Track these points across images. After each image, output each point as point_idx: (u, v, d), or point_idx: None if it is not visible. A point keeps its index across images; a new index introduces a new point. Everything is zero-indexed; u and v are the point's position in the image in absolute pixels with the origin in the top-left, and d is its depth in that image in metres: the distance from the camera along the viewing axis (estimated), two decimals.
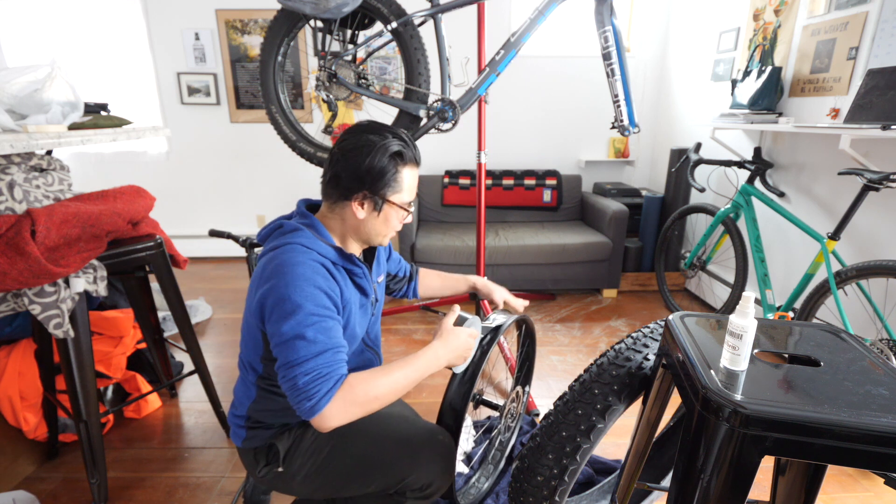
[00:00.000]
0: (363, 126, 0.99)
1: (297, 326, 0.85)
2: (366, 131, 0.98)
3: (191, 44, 3.43)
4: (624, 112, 1.68)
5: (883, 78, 1.71)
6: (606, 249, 2.93)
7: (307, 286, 0.88)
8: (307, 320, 0.85)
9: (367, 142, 0.95)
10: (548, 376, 2.16)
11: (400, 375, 0.91)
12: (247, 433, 1.05)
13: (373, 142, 0.95)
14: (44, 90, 1.28)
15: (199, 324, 2.70)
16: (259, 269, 0.95)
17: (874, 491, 1.51)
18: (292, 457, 1.03)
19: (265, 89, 1.92)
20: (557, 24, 3.45)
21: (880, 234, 1.86)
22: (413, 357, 0.96)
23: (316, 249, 0.94)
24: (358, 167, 0.95)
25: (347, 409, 0.84)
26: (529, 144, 3.66)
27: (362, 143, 0.95)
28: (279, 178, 3.74)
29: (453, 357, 1.02)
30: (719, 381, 0.67)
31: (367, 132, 0.97)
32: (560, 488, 0.92)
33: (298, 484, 1.04)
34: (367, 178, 0.96)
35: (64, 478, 1.55)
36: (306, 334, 0.84)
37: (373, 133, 0.97)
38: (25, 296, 1.19)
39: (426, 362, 0.96)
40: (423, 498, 1.07)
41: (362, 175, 0.95)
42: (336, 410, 0.83)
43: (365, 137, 0.96)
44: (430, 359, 0.97)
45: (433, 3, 1.71)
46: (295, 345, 0.84)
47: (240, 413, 1.06)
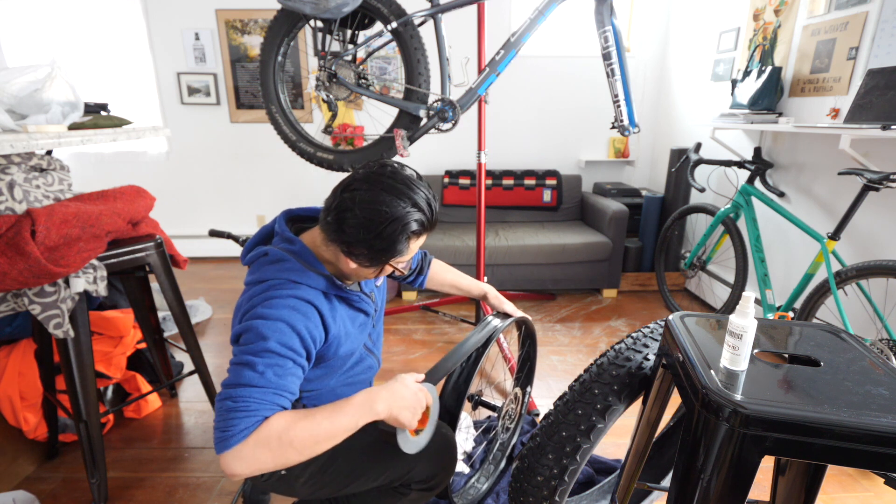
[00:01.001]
0: (385, 180, 0.86)
1: (251, 356, 0.80)
2: (387, 191, 0.85)
3: (191, 44, 3.43)
4: (624, 112, 1.68)
5: (883, 78, 1.71)
6: (606, 249, 2.93)
7: (280, 324, 0.82)
8: (264, 356, 0.80)
9: (386, 208, 0.84)
10: (548, 376, 2.16)
11: (323, 422, 0.80)
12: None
13: (392, 213, 0.84)
14: (44, 90, 1.28)
15: (199, 324, 2.70)
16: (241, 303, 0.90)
17: (874, 491, 1.51)
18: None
19: (265, 89, 1.92)
20: (557, 24, 3.45)
21: (880, 234, 1.86)
22: (344, 401, 0.84)
23: (305, 283, 0.88)
24: (367, 233, 0.85)
25: (257, 455, 0.75)
26: (529, 144, 3.66)
27: (381, 206, 0.84)
28: (279, 178, 3.74)
29: (397, 408, 0.87)
30: (719, 381, 0.67)
31: (389, 192, 0.85)
32: (560, 488, 0.92)
33: (302, 485, 1.04)
34: (373, 243, 0.86)
35: (64, 478, 1.55)
36: (256, 366, 0.79)
37: (395, 195, 0.85)
38: (25, 296, 1.19)
39: (358, 407, 0.83)
40: (427, 490, 1.07)
41: (370, 239, 0.86)
42: (244, 455, 0.74)
43: (384, 198, 0.84)
44: (363, 403, 0.84)
45: (433, 3, 1.71)
46: (241, 371, 0.79)
47: None
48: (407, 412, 0.88)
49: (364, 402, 0.84)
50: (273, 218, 1.02)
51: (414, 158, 3.63)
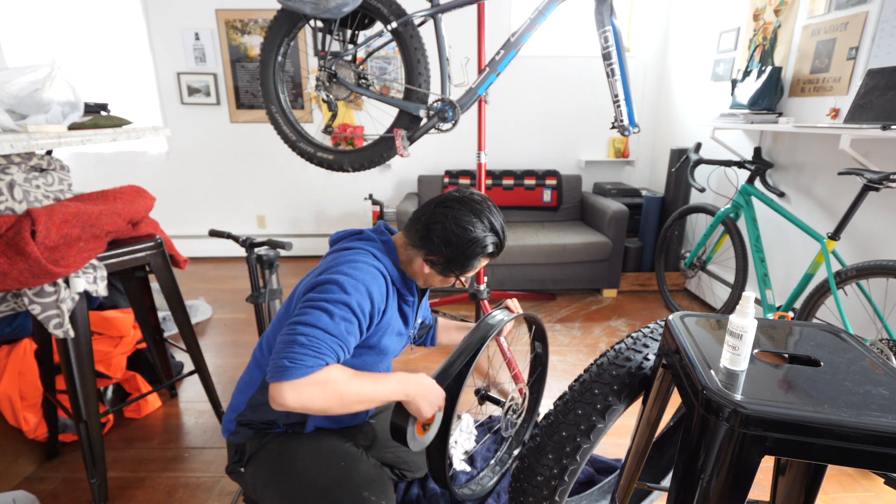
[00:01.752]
0: (475, 204, 1.01)
1: (332, 305, 0.86)
2: (474, 213, 1.00)
3: (191, 44, 3.43)
4: (624, 112, 1.67)
5: (883, 78, 1.71)
6: (606, 249, 2.93)
7: (361, 285, 0.91)
8: (342, 308, 0.87)
9: (471, 226, 0.98)
10: (548, 376, 2.15)
11: (369, 385, 0.89)
12: (236, 427, 1.07)
13: (475, 232, 0.99)
14: (44, 90, 1.28)
15: (199, 324, 2.70)
16: (327, 260, 0.99)
17: (874, 491, 1.51)
18: (252, 462, 1.05)
19: (265, 89, 1.92)
20: (557, 24, 3.45)
21: (880, 234, 1.86)
22: (385, 375, 0.94)
23: (383, 263, 0.99)
24: (451, 244, 0.98)
25: (313, 394, 0.82)
26: (529, 144, 3.66)
27: (466, 225, 0.98)
28: (279, 178, 3.74)
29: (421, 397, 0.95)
30: (719, 381, 0.67)
31: (476, 215, 1.00)
32: (560, 488, 0.92)
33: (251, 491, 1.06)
34: (453, 256, 1.00)
35: (64, 478, 1.55)
36: (334, 315, 0.86)
37: (479, 218, 1.00)
38: (25, 296, 1.19)
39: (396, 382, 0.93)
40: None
41: (451, 253, 0.99)
42: (302, 390, 0.81)
43: (471, 219, 0.99)
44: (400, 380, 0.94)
45: (433, 3, 1.71)
46: (318, 314, 0.85)
47: (236, 403, 1.07)
48: (427, 404, 0.96)
49: (401, 380, 0.94)
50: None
51: (414, 158, 3.63)
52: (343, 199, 3.80)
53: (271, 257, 1.59)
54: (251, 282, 1.60)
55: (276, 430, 1.07)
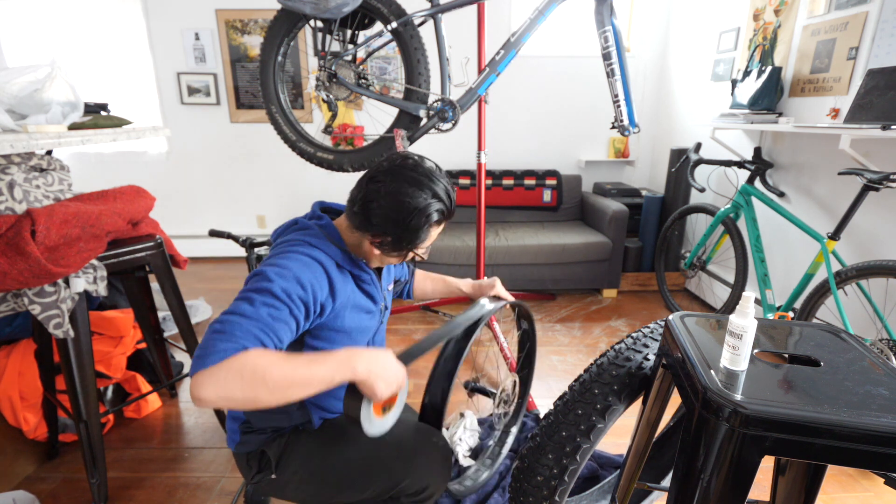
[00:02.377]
0: (408, 172, 0.92)
1: (252, 293, 0.81)
2: (409, 183, 0.91)
3: (191, 44, 3.43)
4: (624, 112, 1.68)
5: (883, 78, 1.71)
6: (606, 249, 2.93)
7: (286, 272, 0.85)
8: (263, 295, 0.81)
9: (409, 198, 0.90)
10: (548, 376, 2.15)
11: (300, 367, 0.78)
12: (240, 437, 1.05)
13: (415, 204, 0.90)
14: (44, 90, 1.28)
15: (199, 324, 2.70)
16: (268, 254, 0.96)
17: (874, 491, 1.51)
18: (285, 463, 1.02)
19: (265, 89, 1.92)
20: (557, 24, 3.45)
21: (880, 234, 1.86)
22: (326, 354, 0.83)
23: (321, 248, 0.93)
24: (392, 220, 0.91)
25: (228, 382, 0.73)
26: (529, 144, 3.66)
27: (404, 197, 0.90)
28: (279, 178, 3.74)
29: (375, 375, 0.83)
30: (719, 381, 0.67)
31: (410, 184, 0.91)
32: (560, 488, 0.92)
33: (292, 491, 1.04)
34: (398, 234, 0.92)
35: (64, 478, 1.55)
36: (254, 301, 0.80)
37: (416, 186, 0.91)
38: (25, 296, 1.19)
39: (339, 362, 0.81)
40: (419, 502, 1.05)
41: (396, 230, 0.92)
42: (215, 378, 0.73)
43: (407, 190, 0.90)
44: (345, 359, 0.82)
45: (433, 3, 1.71)
46: (238, 303, 0.80)
47: (237, 414, 1.06)
48: (383, 382, 0.84)
49: (346, 358, 0.82)
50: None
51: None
52: (343, 199, 3.75)
53: None
54: None
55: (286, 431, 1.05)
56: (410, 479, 1.01)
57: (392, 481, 1.00)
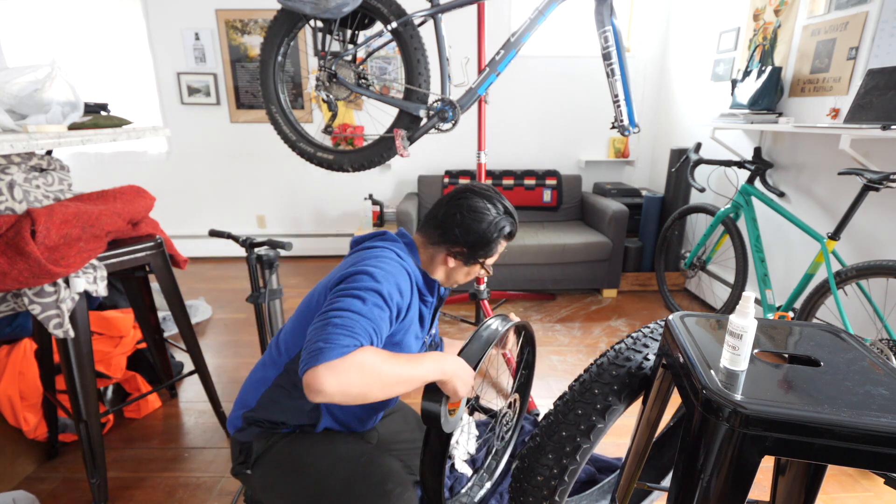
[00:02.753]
0: (483, 190, 1.09)
1: (363, 291, 0.87)
2: (485, 199, 1.07)
3: (191, 44, 3.43)
4: (624, 112, 1.67)
5: (883, 78, 1.71)
6: (606, 249, 2.93)
7: (390, 276, 0.92)
8: (373, 295, 0.87)
9: (486, 212, 1.06)
10: (548, 376, 2.15)
11: (406, 366, 0.86)
12: (242, 424, 1.05)
13: (492, 216, 1.06)
14: (44, 90, 1.28)
15: (199, 324, 2.70)
16: (352, 258, 1.00)
17: (874, 491, 1.51)
18: (259, 463, 1.03)
19: (265, 89, 1.92)
20: (557, 24, 3.45)
21: (880, 234, 1.86)
22: (421, 355, 0.91)
23: (407, 261, 1.01)
24: (471, 232, 1.05)
25: (350, 376, 0.77)
26: (529, 144, 3.66)
27: (483, 209, 1.06)
28: (279, 178, 3.74)
29: (457, 377, 0.92)
30: (719, 381, 0.67)
31: (487, 200, 1.07)
32: (560, 488, 0.92)
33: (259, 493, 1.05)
34: (474, 243, 1.06)
35: (64, 478, 1.55)
36: (366, 300, 0.86)
37: (492, 202, 1.07)
38: (25, 296, 1.19)
39: (433, 362, 0.90)
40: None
41: (472, 240, 1.05)
42: (338, 371, 0.76)
43: (485, 205, 1.06)
44: (437, 360, 0.91)
45: (433, 3, 1.71)
46: (350, 300, 0.85)
47: (246, 399, 1.06)
48: (462, 384, 0.93)
49: (437, 360, 0.91)
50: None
51: (414, 158, 3.63)
52: (343, 199, 3.80)
53: (271, 257, 1.59)
54: (251, 282, 1.60)
55: (283, 431, 1.05)
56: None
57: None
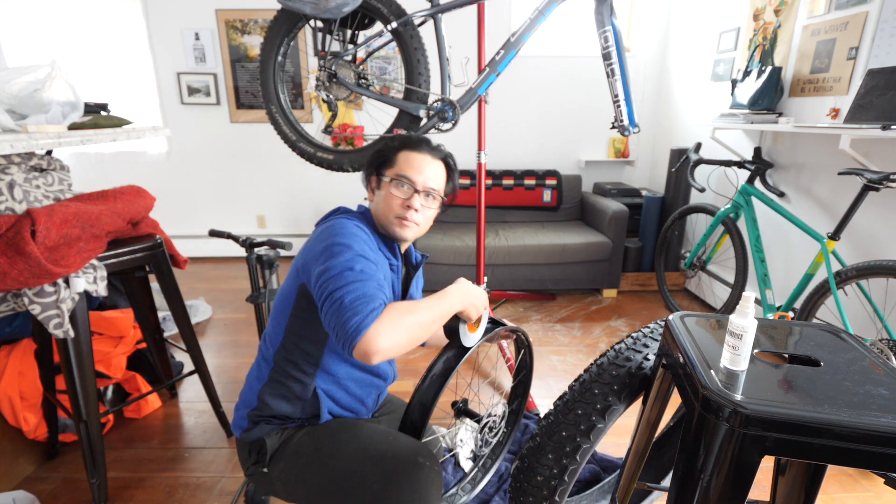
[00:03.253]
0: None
1: (346, 262, 0.89)
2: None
3: (191, 44, 3.43)
4: (624, 112, 1.67)
5: (883, 78, 1.71)
6: (606, 249, 2.93)
7: (357, 238, 0.95)
8: (355, 258, 0.90)
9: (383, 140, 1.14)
10: (548, 376, 2.15)
11: (434, 306, 0.93)
12: (249, 424, 1.05)
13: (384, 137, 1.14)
14: (44, 90, 1.28)
15: (199, 324, 2.70)
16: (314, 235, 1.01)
17: (874, 491, 1.51)
18: (277, 460, 1.02)
19: (265, 89, 1.92)
20: (557, 24, 3.45)
21: (880, 234, 1.86)
22: (439, 295, 0.97)
23: (364, 228, 1.03)
24: (370, 158, 1.12)
25: (395, 329, 0.82)
26: (529, 144, 3.66)
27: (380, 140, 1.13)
28: (279, 178, 3.74)
29: (470, 303, 1.00)
30: (719, 382, 0.67)
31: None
32: (560, 488, 0.92)
33: (279, 489, 1.04)
34: (372, 162, 1.11)
35: (64, 478, 1.55)
36: (354, 266, 0.88)
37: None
38: (25, 296, 1.19)
39: (452, 299, 0.97)
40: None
41: (370, 161, 1.12)
42: (384, 329, 0.81)
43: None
44: (454, 297, 0.98)
45: (433, 3, 1.71)
46: (342, 274, 0.87)
47: (248, 400, 1.05)
48: (474, 309, 1.02)
49: (454, 294, 0.99)
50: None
51: None
52: (343, 199, 3.80)
53: (271, 257, 1.59)
54: (251, 282, 1.60)
55: (292, 425, 1.05)
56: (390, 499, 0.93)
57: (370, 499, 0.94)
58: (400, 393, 1.42)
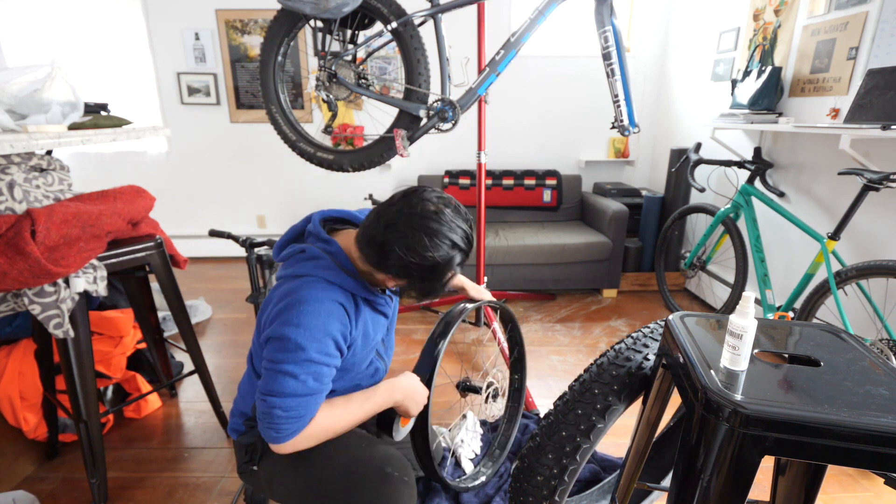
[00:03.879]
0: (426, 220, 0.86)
1: (293, 366, 0.86)
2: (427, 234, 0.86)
3: (191, 44, 3.43)
4: (624, 112, 1.67)
5: (883, 78, 1.71)
6: (606, 249, 2.93)
7: (318, 333, 0.86)
8: (304, 365, 0.86)
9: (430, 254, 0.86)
10: (548, 376, 2.15)
11: (357, 409, 0.96)
12: (245, 428, 1.07)
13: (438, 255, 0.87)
14: (44, 90, 1.28)
15: (199, 324, 2.70)
16: (276, 296, 0.92)
17: (874, 491, 1.51)
18: (264, 459, 1.04)
19: (265, 89, 1.92)
20: (557, 24, 3.45)
21: (880, 234, 1.86)
22: (371, 391, 1.00)
23: (339, 284, 0.92)
24: (413, 273, 0.89)
25: (304, 443, 0.89)
26: (529, 144, 3.66)
27: (425, 252, 0.86)
28: (279, 178, 3.74)
29: (408, 399, 1.03)
30: (719, 381, 0.67)
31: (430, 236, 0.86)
32: (560, 488, 0.92)
33: (268, 488, 1.06)
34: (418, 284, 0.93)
35: (64, 478, 1.55)
36: (298, 375, 0.86)
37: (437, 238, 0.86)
38: (25, 296, 1.19)
39: (382, 398, 1.00)
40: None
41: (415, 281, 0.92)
42: (300, 442, 0.89)
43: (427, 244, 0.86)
44: (387, 391, 1.01)
45: (433, 3, 1.71)
46: (284, 380, 0.86)
47: (242, 409, 1.07)
48: (414, 404, 1.04)
49: (387, 391, 1.01)
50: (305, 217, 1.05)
51: (414, 158, 3.63)
52: (343, 199, 3.80)
53: (271, 257, 1.59)
54: (251, 282, 1.60)
55: None
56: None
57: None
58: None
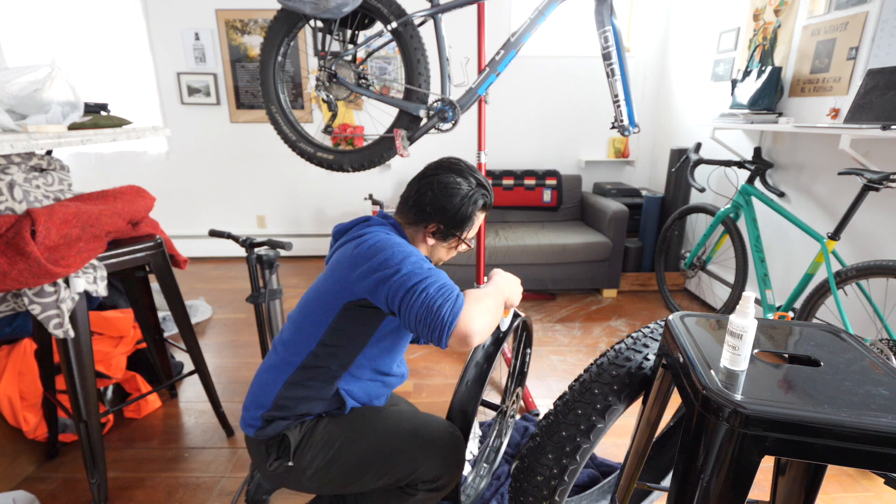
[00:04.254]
0: (454, 166, 1.08)
1: (414, 264, 0.90)
2: (455, 173, 1.07)
3: (191, 44, 3.43)
4: (624, 112, 1.67)
5: (883, 78, 1.71)
6: (606, 249, 2.93)
7: (407, 250, 0.95)
8: (421, 260, 0.92)
9: (457, 186, 1.05)
10: (548, 376, 2.15)
11: (495, 293, 0.98)
12: (262, 423, 1.05)
13: (464, 190, 1.06)
14: (44, 90, 1.28)
15: (199, 324, 2.70)
16: (349, 250, 0.99)
17: (874, 491, 1.51)
18: (303, 450, 1.03)
19: (265, 89, 1.92)
20: (557, 24, 3.45)
21: (880, 234, 1.86)
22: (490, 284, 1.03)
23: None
24: (445, 209, 1.05)
25: (481, 312, 0.87)
26: (529, 144, 3.66)
27: (453, 185, 1.05)
28: (279, 178, 3.74)
29: (511, 291, 1.06)
30: (719, 381, 0.67)
31: (458, 174, 1.07)
32: (560, 488, 0.92)
33: (308, 479, 1.05)
34: (450, 220, 1.06)
35: (64, 478, 1.55)
36: (423, 265, 0.91)
37: (461, 176, 1.07)
38: (25, 296, 1.19)
39: (498, 289, 1.02)
40: (434, 490, 1.09)
41: (448, 217, 1.06)
42: (473, 312, 0.86)
43: (455, 179, 1.06)
44: (501, 286, 1.04)
45: (433, 3, 1.71)
46: (415, 273, 0.88)
47: (261, 402, 1.05)
48: (517, 295, 1.09)
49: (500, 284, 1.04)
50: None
51: (414, 158, 3.63)
52: (343, 199, 3.80)
53: (271, 257, 1.59)
54: (251, 282, 1.60)
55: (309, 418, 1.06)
56: (426, 466, 1.05)
57: (408, 469, 1.04)
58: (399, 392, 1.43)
